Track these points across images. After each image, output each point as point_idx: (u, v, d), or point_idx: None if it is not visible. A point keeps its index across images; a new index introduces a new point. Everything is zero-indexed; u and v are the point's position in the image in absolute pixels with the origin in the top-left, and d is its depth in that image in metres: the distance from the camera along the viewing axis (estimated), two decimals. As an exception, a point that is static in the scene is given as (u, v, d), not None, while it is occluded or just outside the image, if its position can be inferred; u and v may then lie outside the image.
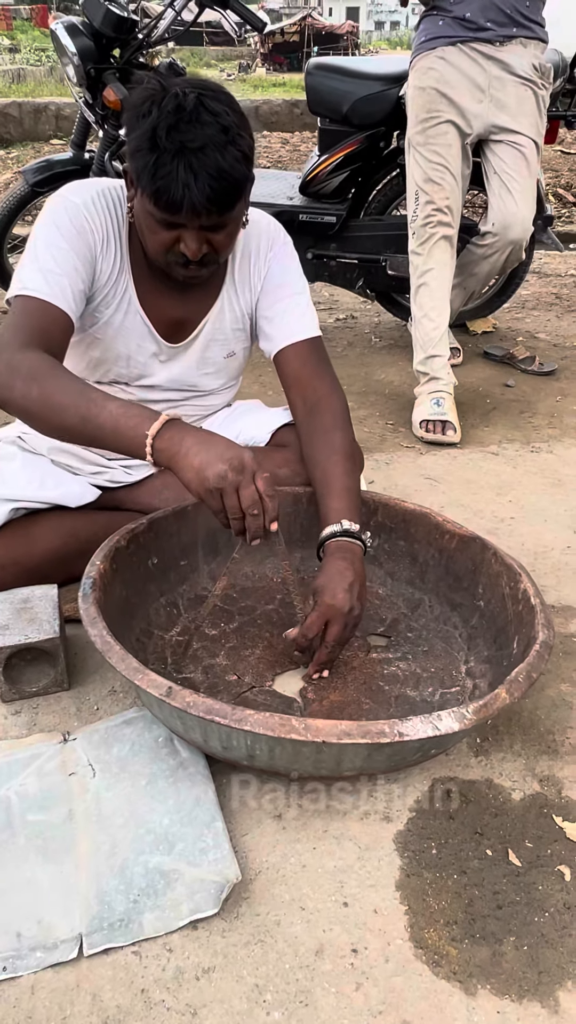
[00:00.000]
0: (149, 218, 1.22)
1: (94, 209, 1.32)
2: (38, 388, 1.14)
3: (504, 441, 2.28)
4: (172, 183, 1.14)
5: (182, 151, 1.13)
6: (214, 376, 1.53)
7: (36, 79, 11.12)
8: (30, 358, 1.17)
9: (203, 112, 1.14)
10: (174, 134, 1.12)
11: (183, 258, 1.25)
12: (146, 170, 1.15)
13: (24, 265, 1.27)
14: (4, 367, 1.17)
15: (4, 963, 0.88)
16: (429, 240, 2.38)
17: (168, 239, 1.23)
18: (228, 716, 0.94)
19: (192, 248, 1.22)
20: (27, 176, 2.87)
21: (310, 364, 1.45)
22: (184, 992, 0.86)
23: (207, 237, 1.23)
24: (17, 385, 1.15)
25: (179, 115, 1.13)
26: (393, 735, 0.93)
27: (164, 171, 1.14)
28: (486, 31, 2.25)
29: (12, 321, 1.23)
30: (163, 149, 1.13)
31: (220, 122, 1.14)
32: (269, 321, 1.46)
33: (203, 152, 1.13)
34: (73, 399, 1.13)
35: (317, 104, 2.72)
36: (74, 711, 1.25)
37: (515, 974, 0.89)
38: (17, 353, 1.18)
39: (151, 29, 2.67)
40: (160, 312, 1.42)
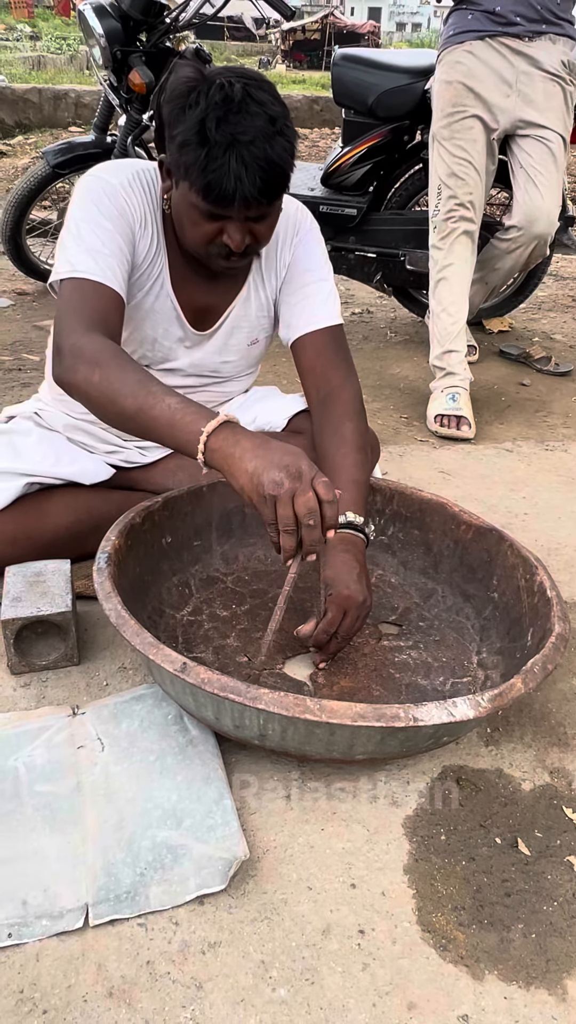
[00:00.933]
0: (193, 210, 1.20)
1: (131, 190, 1.30)
2: (100, 374, 1.12)
3: (518, 439, 2.27)
4: (224, 176, 1.12)
5: (233, 144, 1.11)
6: (235, 362, 1.53)
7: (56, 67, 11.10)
8: (94, 342, 1.15)
9: (250, 103, 1.12)
10: (224, 126, 1.11)
11: (226, 250, 1.24)
12: (196, 164, 1.12)
13: (68, 246, 1.24)
14: (68, 350, 1.15)
15: (10, 929, 0.88)
16: (450, 235, 2.37)
17: (211, 231, 1.22)
18: (242, 694, 0.94)
19: (236, 240, 1.21)
20: (48, 157, 2.87)
21: (326, 353, 1.43)
22: (190, 966, 0.86)
23: (250, 228, 1.22)
24: (80, 369, 1.13)
25: (227, 106, 1.11)
26: (408, 719, 0.93)
27: (215, 164, 1.11)
28: (515, 26, 2.24)
29: (69, 303, 1.21)
30: (214, 142, 1.11)
31: (267, 112, 1.13)
32: (289, 308, 1.45)
33: (254, 144, 1.12)
34: (132, 388, 1.10)
35: (342, 95, 2.71)
36: (83, 686, 1.25)
37: (523, 961, 0.89)
38: (82, 337, 1.16)
39: (179, 13, 2.66)
40: (189, 298, 1.41)
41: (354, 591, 1.18)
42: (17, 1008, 0.81)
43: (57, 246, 1.28)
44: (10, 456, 1.43)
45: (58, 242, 1.28)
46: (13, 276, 3.41)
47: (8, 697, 1.22)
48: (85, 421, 1.52)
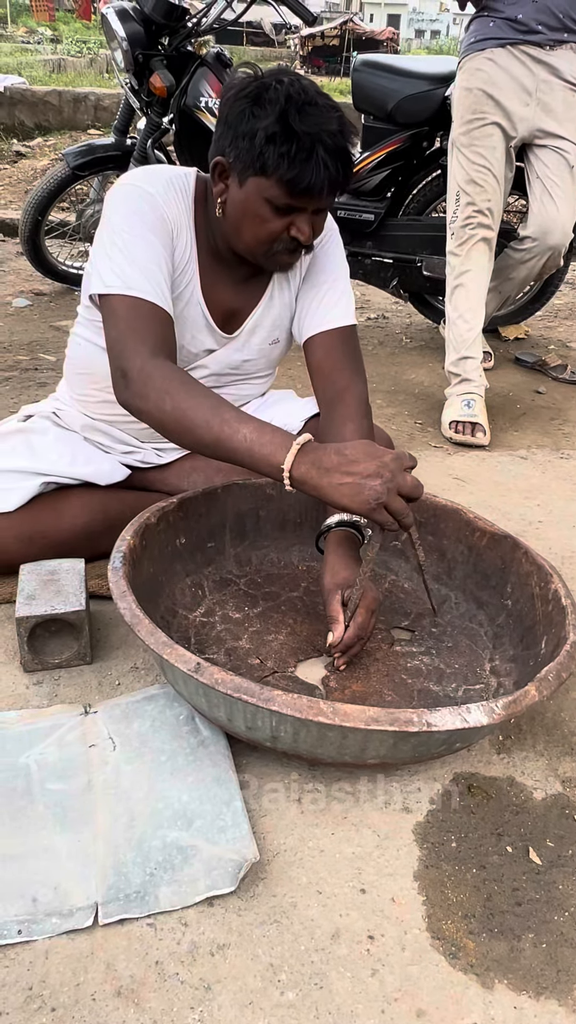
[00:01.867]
0: (265, 207, 1.21)
1: (167, 199, 1.30)
2: (171, 402, 1.12)
3: (533, 446, 2.26)
4: (315, 167, 1.15)
5: (320, 135, 1.14)
6: (255, 361, 1.53)
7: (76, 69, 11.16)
8: (162, 369, 1.15)
9: (319, 97, 1.17)
10: (308, 118, 1.14)
11: (294, 243, 1.25)
12: (286, 156, 1.14)
13: (113, 257, 1.23)
14: (137, 375, 1.15)
15: (20, 926, 0.88)
16: (468, 241, 2.37)
17: (280, 227, 1.23)
18: (256, 695, 0.94)
19: (307, 231, 1.23)
20: (68, 159, 2.88)
21: (334, 355, 1.43)
22: (198, 967, 0.86)
23: (313, 220, 1.24)
24: (151, 396, 1.14)
25: (303, 98, 1.15)
26: (421, 724, 0.92)
27: (303, 156, 1.14)
28: (537, 34, 2.24)
29: (128, 324, 1.20)
30: (302, 134, 1.13)
31: (332, 105, 1.18)
32: (303, 307, 1.46)
33: (335, 136, 1.16)
34: (206, 417, 1.10)
35: (362, 100, 2.71)
36: (95, 685, 1.25)
37: (533, 971, 0.88)
38: (149, 362, 1.16)
39: (200, 18, 2.67)
40: (218, 302, 1.41)
41: (376, 592, 1.22)
42: (26, 1005, 0.81)
43: (97, 253, 1.26)
44: (27, 455, 1.44)
45: (97, 249, 1.27)
46: (31, 276, 3.43)
47: (21, 695, 1.22)
48: (103, 422, 1.52)
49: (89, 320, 1.45)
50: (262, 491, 1.47)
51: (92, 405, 1.53)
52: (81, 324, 1.49)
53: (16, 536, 1.38)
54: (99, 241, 1.27)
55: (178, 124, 2.79)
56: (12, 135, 7.34)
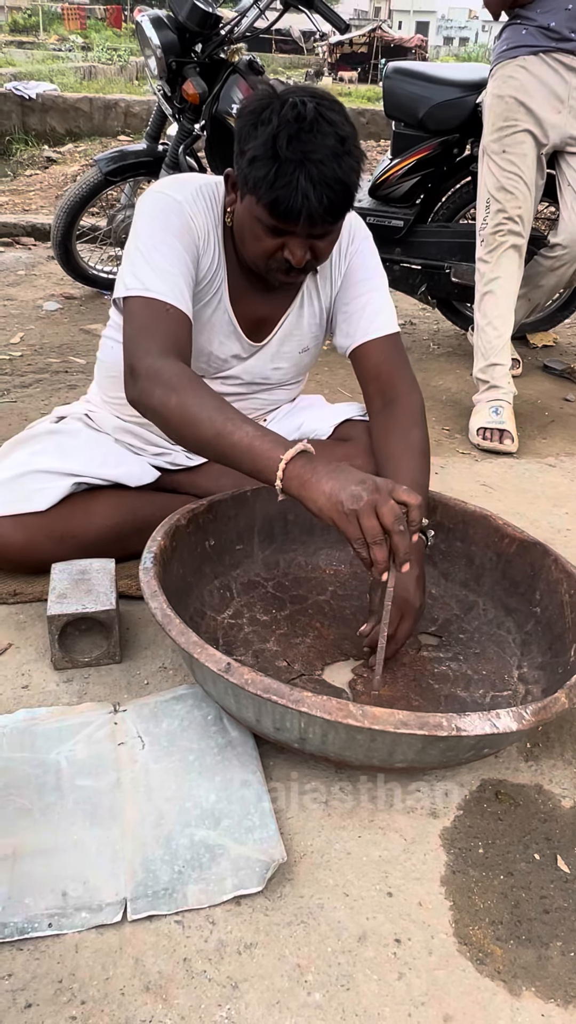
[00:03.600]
0: (257, 225, 1.22)
1: (195, 207, 1.32)
2: (176, 399, 1.14)
3: (562, 454, 2.25)
4: (292, 193, 1.14)
5: (303, 162, 1.13)
6: (286, 370, 1.54)
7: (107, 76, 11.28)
8: (170, 367, 1.18)
9: (322, 122, 1.14)
10: (295, 144, 1.13)
11: (286, 265, 1.25)
12: (265, 179, 1.14)
13: (135, 262, 1.26)
14: (145, 373, 1.18)
15: (50, 920, 0.89)
16: (498, 248, 2.36)
17: (273, 246, 1.23)
18: (285, 696, 0.94)
19: (298, 255, 1.23)
20: (100, 165, 2.92)
21: (391, 360, 1.45)
22: (226, 965, 0.86)
23: (312, 244, 1.24)
24: (157, 393, 1.16)
25: (299, 124, 1.13)
26: (451, 729, 0.92)
27: (284, 181, 1.13)
28: (570, 42, 2.23)
29: (142, 323, 1.23)
30: (284, 159, 1.13)
31: (338, 132, 1.15)
32: (347, 316, 1.46)
33: (323, 163, 1.14)
34: (210, 414, 1.12)
35: (393, 108, 2.72)
36: (124, 684, 1.26)
37: (561, 979, 0.88)
38: (158, 360, 1.18)
39: (233, 26, 2.69)
40: (246, 310, 1.42)
41: (412, 595, 1.21)
42: (56, 997, 0.82)
43: (124, 260, 1.30)
44: (58, 456, 1.46)
45: (125, 256, 1.30)
46: (62, 280, 3.47)
47: (51, 692, 1.24)
48: (134, 424, 1.54)
49: (118, 324, 1.47)
50: (291, 495, 1.48)
51: (123, 407, 1.55)
52: (112, 327, 1.51)
53: (47, 535, 1.40)
54: (126, 250, 1.31)
55: (209, 131, 2.81)
56: (43, 141, 7.44)
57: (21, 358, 2.66)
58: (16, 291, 3.39)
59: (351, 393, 2.48)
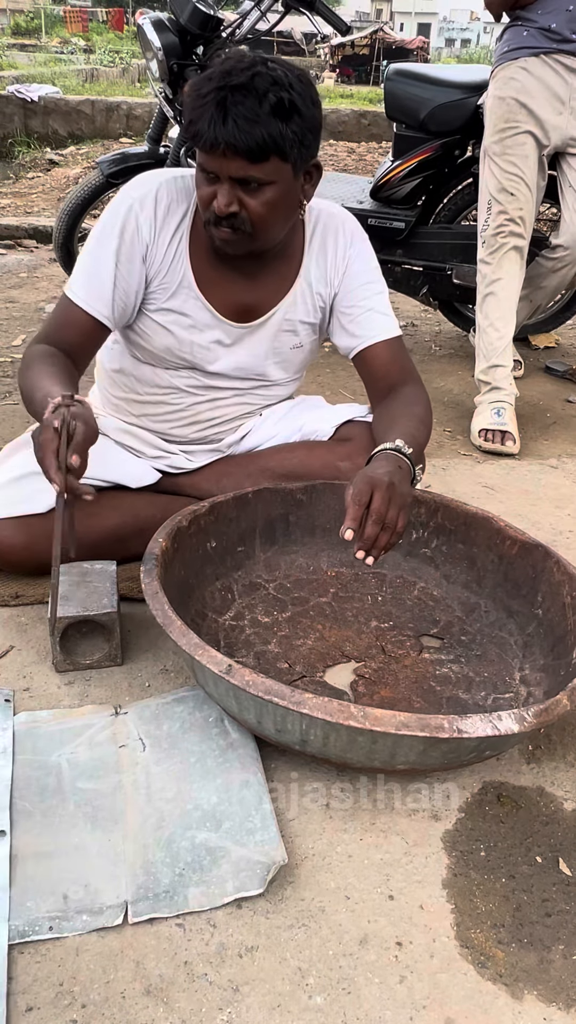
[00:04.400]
0: (200, 172, 1.24)
1: (153, 200, 1.34)
2: (25, 373, 1.30)
3: (564, 455, 2.25)
4: (204, 120, 1.15)
5: (220, 89, 1.14)
6: (280, 366, 1.54)
7: (109, 79, 11.30)
8: (31, 350, 1.33)
9: (261, 67, 1.16)
10: (220, 78, 1.15)
11: (215, 216, 1.25)
12: (187, 109, 1.18)
13: (78, 263, 1.38)
14: (23, 358, 1.34)
15: (51, 923, 0.89)
16: (499, 250, 2.36)
17: (207, 194, 1.24)
18: (287, 698, 0.94)
19: (221, 202, 1.22)
20: (102, 167, 2.91)
21: (399, 361, 1.48)
22: (227, 968, 0.86)
23: (238, 195, 1.22)
24: (22, 372, 1.31)
25: (231, 67, 1.15)
26: (452, 730, 0.92)
27: (200, 110, 1.16)
28: (571, 43, 2.23)
29: (47, 321, 1.39)
30: (206, 91, 1.15)
31: (275, 78, 1.15)
32: (352, 319, 1.46)
33: (239, 92, 1.14)
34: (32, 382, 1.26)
35: (395, 109, 2.72)
36: (125, 686, 1.26)
37: (563, 983, 0.87)
38: (31, 347, 1.35)
39: (235, 28, 2.69)
40: (225, 295, 1.42)
41: (379, 473, 1.15)
42: (57, 1000, 0.82)
43: None
44: (59, 457, 1.45)
45: None
46: (64, 283, 3.47)
47: (52, 694, 1.24)
48: (135, 426, 1.54)
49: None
50: (292, 496, 1.48)
51: (125, 408, 1.55)
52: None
53: (48, 537, 1.39)
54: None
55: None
56: (45, 144, 7.45)
57: (23, 360, 2.65)
58: (18, 293, 3.39)
59: (352, 394, 2.48)
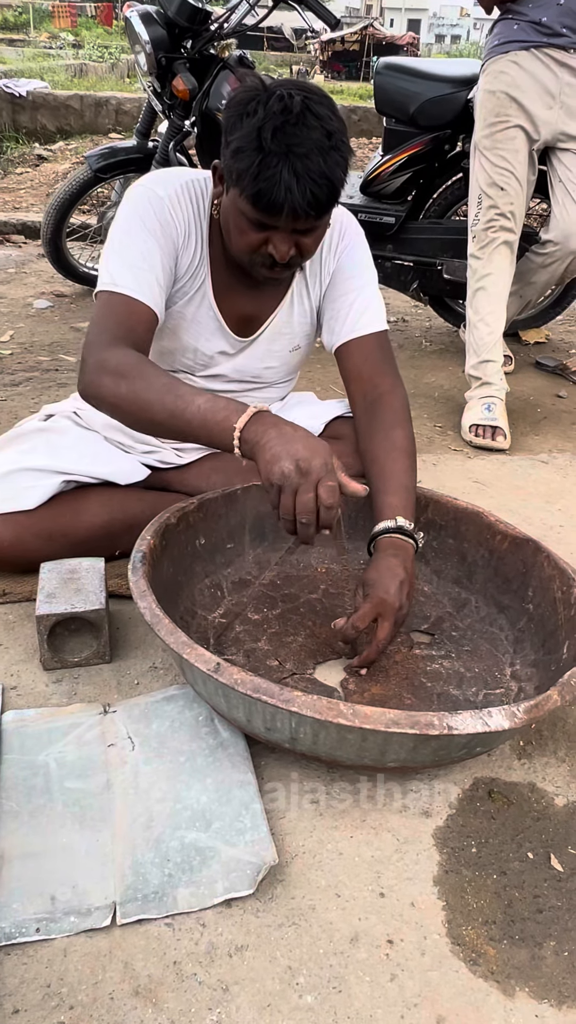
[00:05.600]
0: (241, 218, 1.20)
1: (178, 202, 1.31)
2: (126, 385, 1.14)
3: (554, 451, 2.25)
4: (275, 186, 1.12)
5: (288, 154, 1.11)
6: (277, 368, 1.53)
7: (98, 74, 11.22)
8: (117, 355, 1.17)
9: (309, 115, 1.12)
10: (280, 136, 1.11)
11: (270, 260, 1.24)
12: (249, 171, 1.12)
13: (110, 259, 1.27)
14: (92, 364, 1.18)
15: (38, 924, 0.88)
16: (490, 245, 2.36)
17: (257, 240, 1.22)
18: (275, 696, 0.93)
19: (281, 251, 1.22)
20: (90, 162, 2.90)
21: (372, 359, 1.43)
22: (216, 968, 0.85)
23: (296, 240, 1.22)
24: (105, 383, 1.16)
25: (285, 117, 1.11)
26: (442, 728, 0.91)
27: (268, 173, 1.12)
28: (561, 37, 2.23)
29: (100, 316, 1.24)
30: (268, 151, 1.11)
31: (324, 127, 1.13)
32: (333, 313, 1.45)
33: (308, 157, 1.12)
34: (160, 395, 1.12)
35: (384, 103, 2.71)
36: (114, 684, 1.25)
37: (555, 979, 0.87)
38: (104, 351, 1.18)
39: (223, 21, 2.68)
40: (232, 306, 1.41)
41: (391, 597, 1.17)
42: (44, 1002, 0.81)
43: (101, 256, 1.29)
44: (48, 454, 1.44)
45: (103, 252, 1.30)
46: (52, 278, 3.45)
47: (40, 693, 1.22)
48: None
49: None
50: (282, 492, 1.47)
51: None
52: None
53: (36, 534, 1.39)
54: (105, 244, 1.31)
55: (200, 127, 2.80)
56: (34, 139, 7.40)
57: (11, 356, 2.64)
58: (6, 289, 3.37)
59: (343, 391, 2.46)
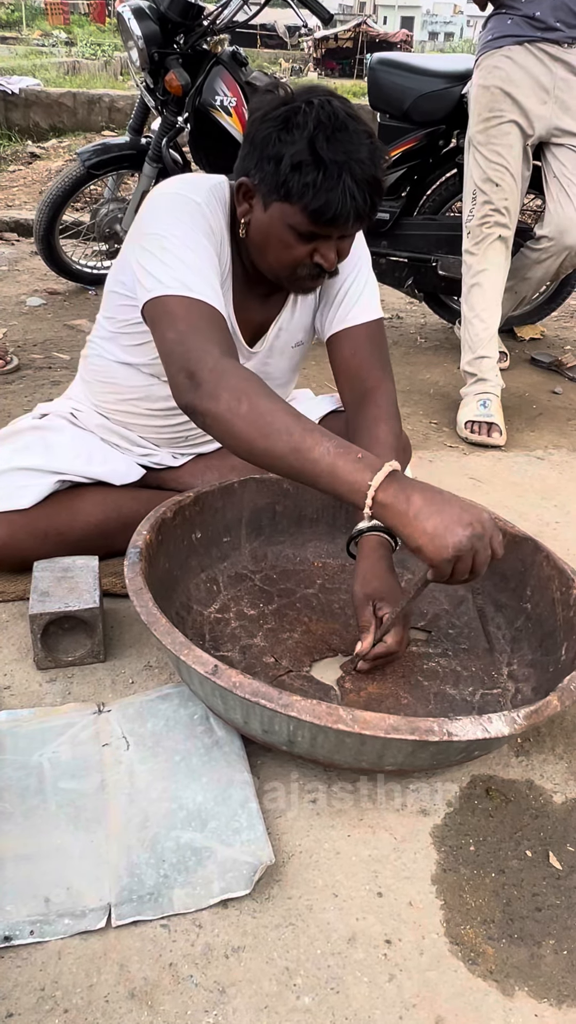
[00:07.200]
0: (288, 232, 1.17)
1: (211, 212, 1.26)
2: (248, 405, 1.04)
3: (550, 447, 2.24)
4: (341, 196, 1.11)
5: (348, 163, 1.10)
6: (278, 364, 1.51)
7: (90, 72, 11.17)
8: (239, 371, 1.08)
9: (351, 120, 1.13)
10: (336, 144, 1.10)
11: (317, 270, 1.22)
12: (311, 185, 1.11)
13: (166, 262, 1.17)
14: (209, 375, 1.07)
15: (32, 927, 0.87)
16: (484, 240, 2.35)
17: (304, 253, 1.20)
18: (274, 700, 0.92)
19: (331, 259, 1.20)
20: (83, 158, 2.87)
21: (362, 352, 1.40)
22: (213, 969, 0.85)
23: (338, 246, 1.21)
24: (224, 397, 1.05)
25: (334, 124, 1.11)
26: (442, 734, 0.90)
27: (331, 184, 1.10)
28: (555, 31, 2.22)
29: (192, 324, 1.13)
30: (329, 162, 1.10)
31: (365, 129, 1.14)
32: (326, 303, 1.44)
33: (363, 163, 1.11)
34: (286, 424, 1.03)
35: (378, 99, 2.69)
36: (109, 683, 1.24)
37: (554, 978, 0.86)
38: (221, 361, 1.08)
39: (216, 16, 2.66)
40: (246, 317, 1.40)
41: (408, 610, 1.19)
42: (38, 1006, 0.80)
43: (145, 258, 1.20)
44: (43, 453, 1.43)
45: (145, 254, 1.20)
46: (45, 276, 3.43)
47: (34, 692, 1.21)
48: (119, 424, 1.51)
49: (113, 334, 1.43)
50: (279, 486, 1.45)
51: (111, 412, 1.52)
52: (104, 338, 1.46)
53: (31, 533, 1.37)
54: (146, 249, 1.20)
55: (193, 123, 2.78)
56: (27, 136, 7.37)
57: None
58: (-1, 287, 3.35)
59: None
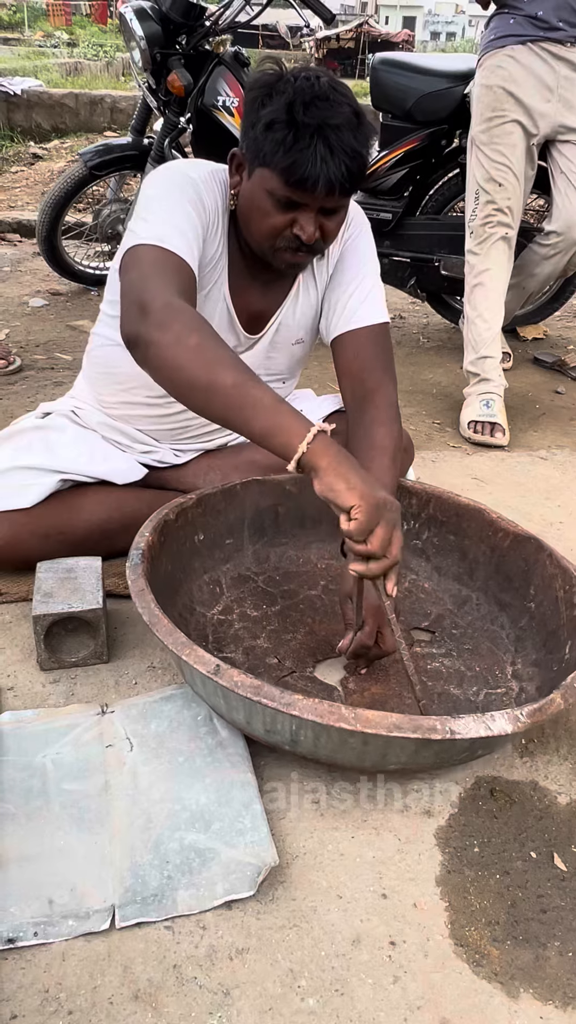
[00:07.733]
0: (267, 199, 1.18)
1: (207, 189, 1.27)
2: (198, 339, 1.04)
3: (553, 447, 2.24)
4: (309, 158, 1.11)
5: (321, 128, 1.11)
6: (278, 360, 1.51)
7: (92, 72, 11.18)
8: (191, 311, 1.08)
9: (336, 93, 1.13)
10: (313, 110, 1.11)
11: (296, 242, 1.22)
12: (282, 144, 1.11)
13: (149, 219, 1.19)
14: (161, 307, 1.06)
15: (36, 928, 0.87)
16: (487, 240, 2.34)
17: (282, 222, 1.20)
18: (276, 699, 0.92)
19: (308, 231, 1.19)
20: (85, 158, 2.87)
21: (364, 354, 1.39)
22: (217, 971, 0.84)
23: (321, 221, 1.21)
24: (174, 328, 1.04)
25: (314, 92, 1.11)
26: (444, 732, 0.90)
27: (302, 145, 1.11)
28: (557, 31, 2.21)
29: (155, 268, 1.13)
30: (302, 124, 1.10)
31: (351, 105, 1.14)
32: (331, 305, 1.43)
33: (340, 131, 1.11)
34: (233, 361, 1.04)
35: (381, 99, 2.69)
36: (112, 684, 1.24)
37: (559, 980, 0.86)
38: (176, 299, 1.08)
39: (218, 16, 2.66)
40: (244, 302, 1.39)
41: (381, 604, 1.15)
42: (42, 1007, 0.80)
43: (134, 219, 1.22)
44: (45, 452, 1.43)
45: (134, 216, 1.23)
46: (48, 277, 3.43)
47: (37, 693, 1.21)
48: (121, 421, 1.51)
49: (112, 317, 1.44)
50: (282, 488, 1.45)
51: (112, 405, 1.52)
52: (103, 323, 1.48)
53: (33, 532, 1.37)
54: (136, 214, 1.23)
55: (195, 123, 2.78)
56: (29, 137, 7.37)
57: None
58: (2, 288, 3.35)
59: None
